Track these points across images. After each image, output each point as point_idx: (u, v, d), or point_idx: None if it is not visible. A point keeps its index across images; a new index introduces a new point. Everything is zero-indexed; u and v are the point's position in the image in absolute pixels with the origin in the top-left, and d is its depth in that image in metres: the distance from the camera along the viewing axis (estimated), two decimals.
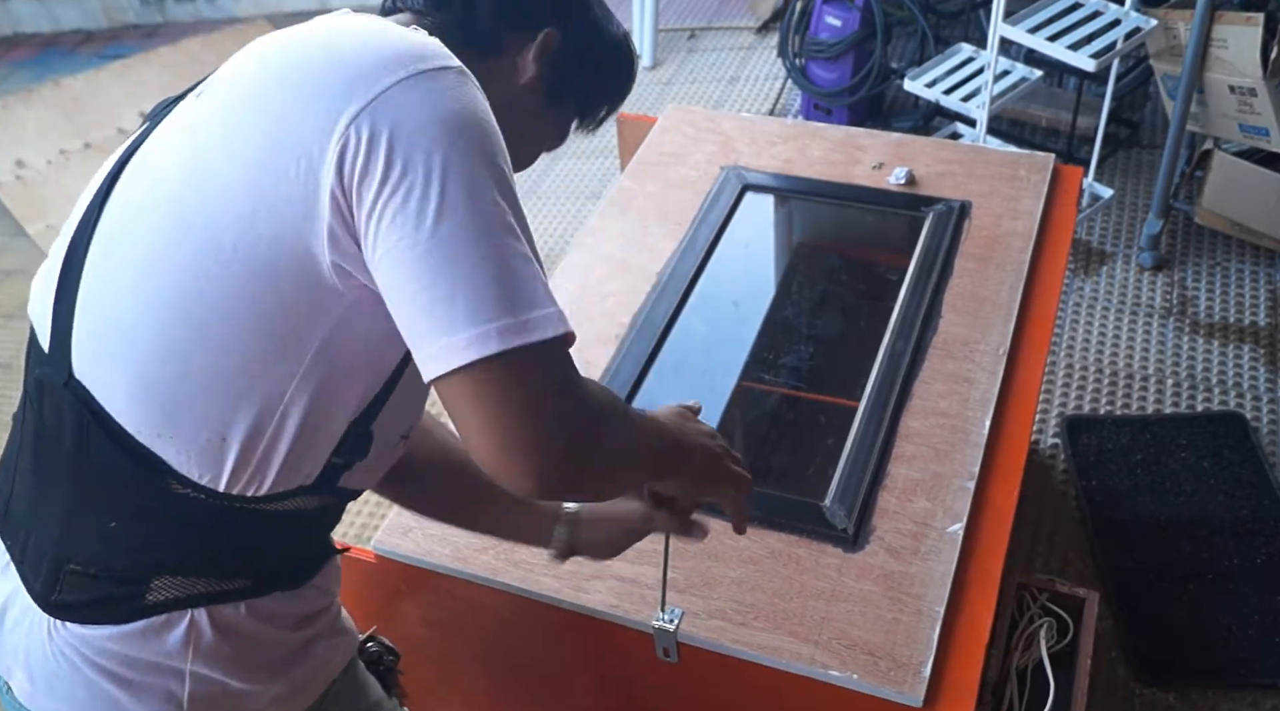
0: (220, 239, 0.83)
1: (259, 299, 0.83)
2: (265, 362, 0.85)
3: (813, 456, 1.54)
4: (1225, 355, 2.52)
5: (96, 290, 0.89)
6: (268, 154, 0.82)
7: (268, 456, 0.88)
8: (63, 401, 0.89)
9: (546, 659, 1.43)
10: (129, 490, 0.89)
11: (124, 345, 0.86)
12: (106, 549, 0.91)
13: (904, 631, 1.21)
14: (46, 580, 0.93)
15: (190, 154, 0.86)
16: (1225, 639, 1.93)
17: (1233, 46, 2.42)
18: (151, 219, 0.86)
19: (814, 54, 3.23)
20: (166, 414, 0.86)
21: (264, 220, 0.82)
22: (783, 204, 1.95)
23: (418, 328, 0.79)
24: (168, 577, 0.91)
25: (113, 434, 0.87)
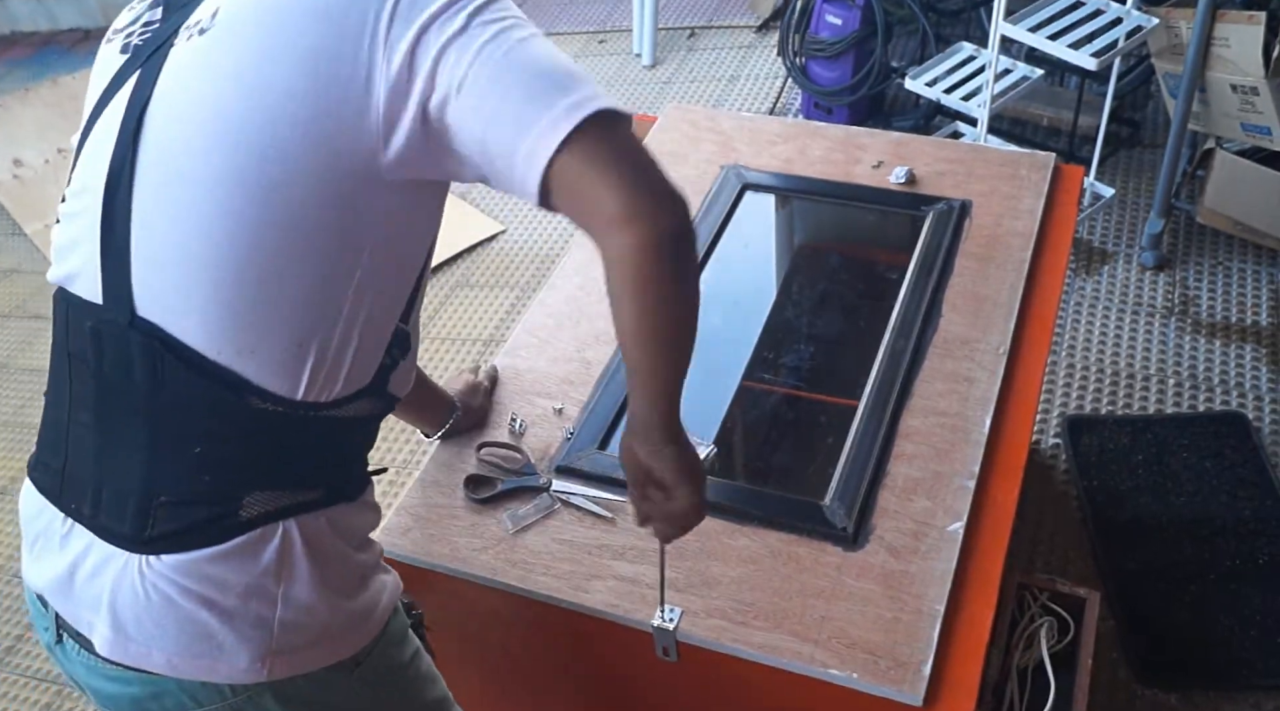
0: (281, 152, 0.88)
1: (323, 205, 0.89)
2: (332, 266, 0.92)
3: (813, 455, 1.54)
4: (1227, 355, 2.51)
5: (154, 227, 0.91)
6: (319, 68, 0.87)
7: (339, 359, 0.96)
8: (129, 342, 0.92)
9: (546, 658, 1.43)
10: (210, 413, 0.94)
11: (195, 271, 0.90)
12: (195, 474, 0.95)
13: (904, 630, 1.20)
14: (135, 519, 0.95)
15: (228, 84, 0.89)
16: (1227, 639, 1.93)
17: (1235, 45, 2.42)
18: (204, 154, 0.89)
19: (814, 53, 3.23)
20: (246, 330, 0.91)
21: (324, 122, 0.88)
22: (783, 203, 1.95)
23: (523, 115, 0.86)
24: (257, 492, 0.96)
25: (190, 361, 0.92)
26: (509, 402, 1.52)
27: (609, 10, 4.36)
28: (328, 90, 0.88)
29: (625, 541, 1.33)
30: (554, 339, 1.61)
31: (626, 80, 3.92)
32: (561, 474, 1.41)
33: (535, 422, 1.49)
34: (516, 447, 1.46)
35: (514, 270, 3.17)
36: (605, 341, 1.59)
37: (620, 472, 1.38)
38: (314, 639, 1.00)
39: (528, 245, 3.25)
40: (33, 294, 3.57)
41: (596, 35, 4.21)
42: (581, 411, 1.49)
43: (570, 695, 1.49)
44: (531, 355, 1.59)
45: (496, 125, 0.87)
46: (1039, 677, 1.50)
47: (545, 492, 1.39)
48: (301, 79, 0.88)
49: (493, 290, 3.10)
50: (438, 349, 2.92)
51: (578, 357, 1.57)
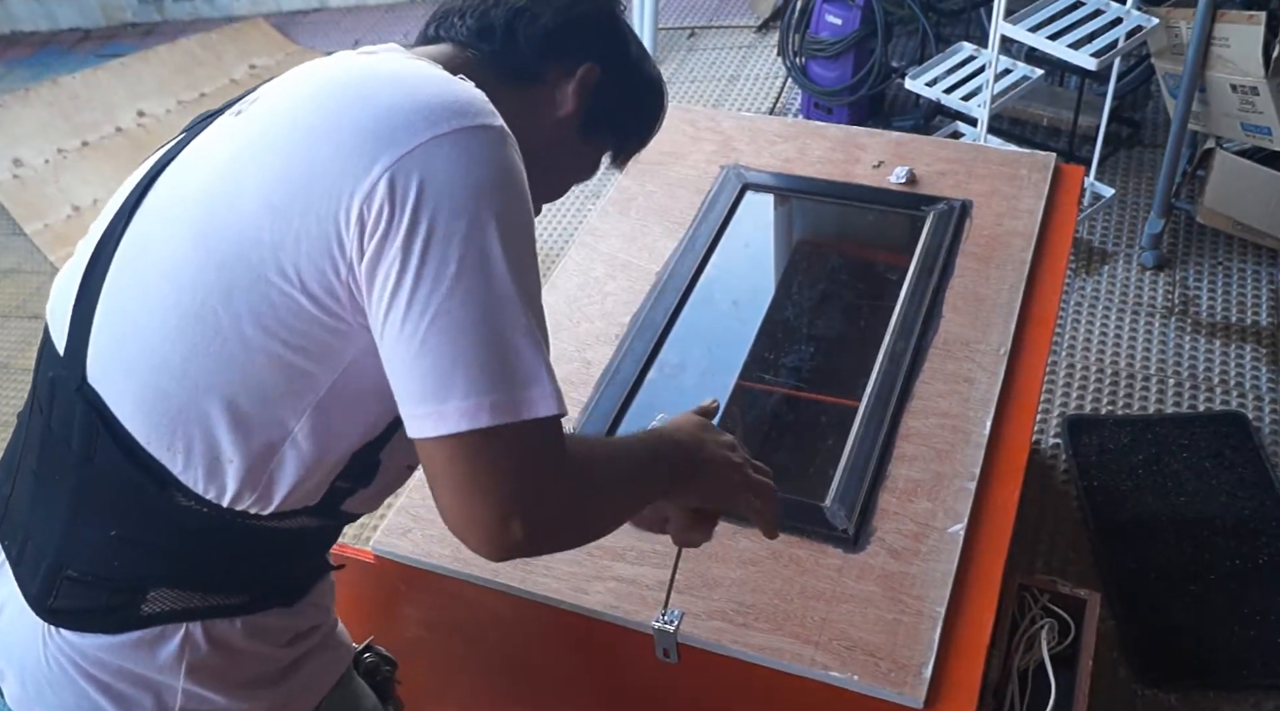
0: (244, 265, 0.83)
1: (278, 332, 0.84)
2: (278, 391, 0.86)
3: (813, 456, 1.54)
4: (1227, 355, 2.51)
5: (117, 298, 0.89)
6: (297, 191, 0.82)
7: (274, 478, 0.89)
8: (74, 406, 0.89)
9: (546, 659, 1.43)
10: (133, 500, 0.89)
11: (140, 355, 0.87)
12: (106, 557, 0.91)
13: (905, 632, 1.20)
14: (43, 585, 0.92)
15: (221, 176, 0.87)
16: (1227, 639, 1.93)
17: (1234, 45, 2.42)
18: (177, 234, 0.87)
19: (814, 53, 3.23)
20: (175, 428, 0.87)
21: (288, 256, 0.82)
22: (783, 203, 1.94)
23: (411, 388, 0.80)
24: (165, 589, 0.91)
25: (121, 442, 0.88)
26: None
27: None
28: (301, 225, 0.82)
29: (625, 542, 1.33)
30: (554, 339, 1.60)
31: None
32: None
33: None
34: None
35: None
36: (605, 341, 1.59)
37: None
38: None
39: None
40: (32, 294, 3.57)
41: None
42: (581, 412, 1.49)
43: (570, 696, 1.49)
44: None
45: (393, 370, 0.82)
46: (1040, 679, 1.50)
47: None
48: (274, 202, 0.83)
49: None
50: None
51: (578, 358, 1.57)
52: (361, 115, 0.82)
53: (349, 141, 0.81)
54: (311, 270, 0.82)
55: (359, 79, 0.87)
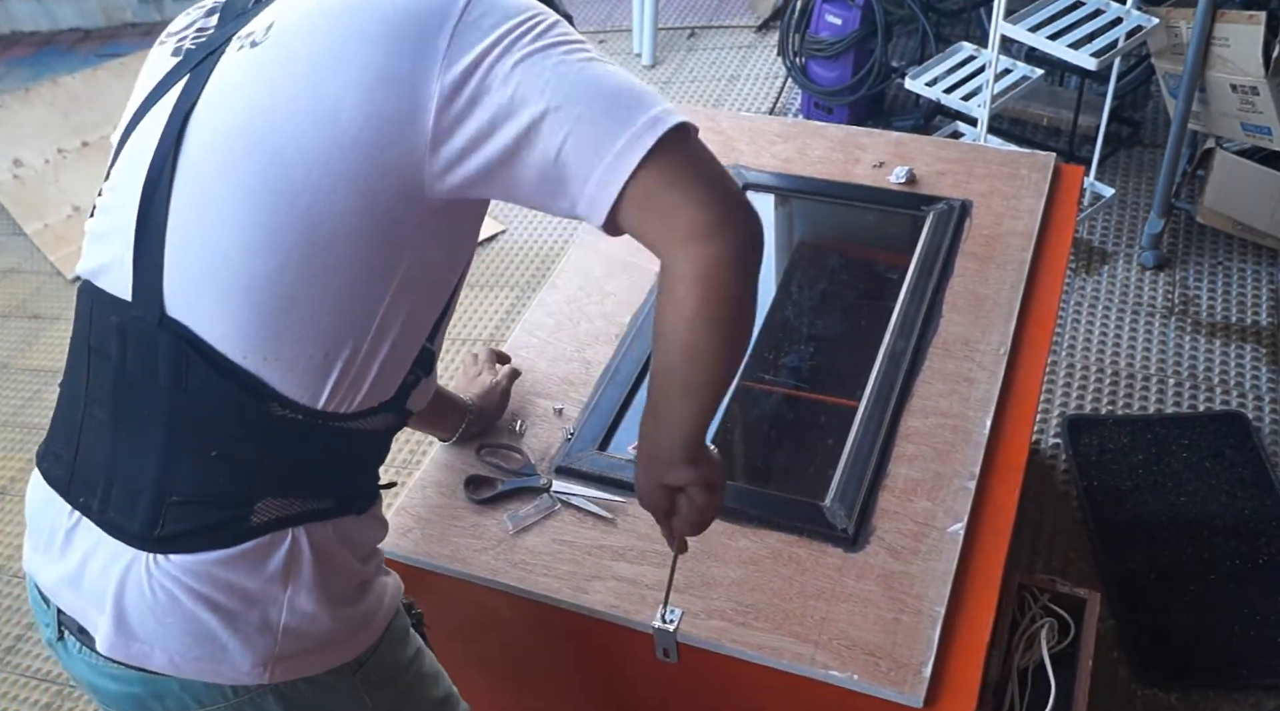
0: (325, 171, 0.88)
1: (363, 224, 0.90)
2: (366, 283, 0.92)
3: (813, 456, 1.54)
4: (1227, 355, 2.51)
5: (190, 231, 0.92)
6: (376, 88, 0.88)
7: (363, 372, 0.96)
8: (156, 341, 0.93)
9: (546, 659, 1.43)
10: (230, 417, 0.94)
11: (229, 277, 0.91)
12: (210, 476, 0.95)
13: (904, 631, 1.20)
14: (146, 516, 0.95)
15: (275, 99, 0.90)
16: (1227, 639, 1.93)
17: (1234, 45, 2.41)
18: (245, 161, 0.90)
19: (814, 52, 3.23)
20: (275, 336, 0.92)
21: (373, 145, 0.88)
22: (783, 203, 1.94)
23: (601, 135, 0.86)
24: (270, 499, 0.96)
25: (216, 364, 0.92)
26: (509, 403, 1.52)
27: (609, 10, 4.36)
28: (380, 114, 0.88)
29: (625, 542, 1.33)
30: (554, 339, 1.61)
31: None
32: (561, 474, 1.41)
33: (535, 423, 1.49)
34: (516, 448, 1.46)
35: (514, 270, 3.17)
36: (605, 341, 1.59)
37: (619, 474, 1.39)
38: (317, 644, 1.00)
39: (528, 245, 3.25)
40: (32, 294, 3.57)
41: (596, 35, 4.21)
42: (582, 412, 1.49)
43: (570, 696, 1.49)
44: (531, 355, 1.59)
45: (570, 153, 0.88)
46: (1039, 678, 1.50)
47: (545, 493, 1.39)
48: (353, 102, 0.88)
49: (493, 290, 3.10)
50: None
51: (578, 358, 1.57)
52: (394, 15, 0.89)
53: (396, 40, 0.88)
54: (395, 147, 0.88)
55: None
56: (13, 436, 2.98)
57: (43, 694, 2.29)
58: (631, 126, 0.86)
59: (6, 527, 2.71)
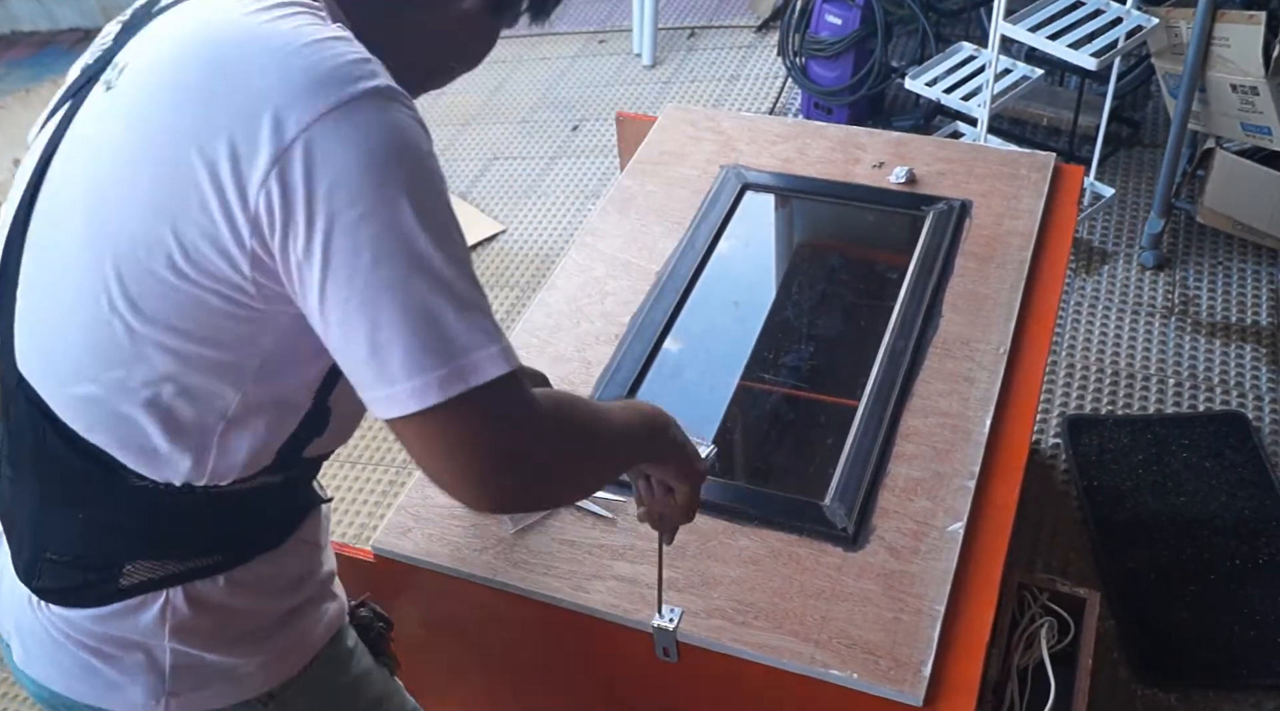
0: (138, 266, 0.80)
1: (190, 330, 0.82)
2: (204, 384, 0.84)
3: (813, 456, 1.54)
4: (1227, 355, 2.51)
5: (31, 298, 0.88)
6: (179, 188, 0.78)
7: (221, 458, 0.88)
8: (19, 402, 0.90)
9: (546, 659, 1.43)
10: (89, 485, 0.90)
11: (59, 357, 0.86)
12: (77, 539, 0.93)
13: (904, 630, 1.20)
14: (28, 566, 0.96)
15: (102, 169, 0.83)
16: (1227, 639, 1.93)
17: (1235, 45, 2.42)
18: (71, 232, 0.84)
19: (814, 52, 3.23)
20: (108, 428, 0.86)
21: (182, 254, 0.79)
22: (783, 203, 1.95)
23: (360, 376, 0.79)
24: (140, 562, 0.92)
25: (63, 434, 0.88)
26: None
27: (609, 10, 4.36)
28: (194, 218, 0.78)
29: (625, 541, 1.33)
30: (554, 339, 1.61)
31: (626, 80, 3.92)
32: None
33: None
34: None
35: (514, 270, 3.17)
36: (605, 341, 1.59)
37: None
38: (215, 678, 0.97)
39: (528, 245, 3.25)
40: None
41: (596, 35, 4.21)
42: None
43: (570, 695, 1.49)
44: (532, 355, 1.59)
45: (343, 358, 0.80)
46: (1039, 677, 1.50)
47: None
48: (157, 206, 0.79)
49: (493, 290, 3.10)
50: None
51: (578, 358, 1.57)
52: (236, 102, 0.77)
53: (227, 133, 0.76)
54: (211, 266, 0.79)
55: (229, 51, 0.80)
56: None
57: None
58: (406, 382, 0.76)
59: None
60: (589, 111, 3.81)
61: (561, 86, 3.98)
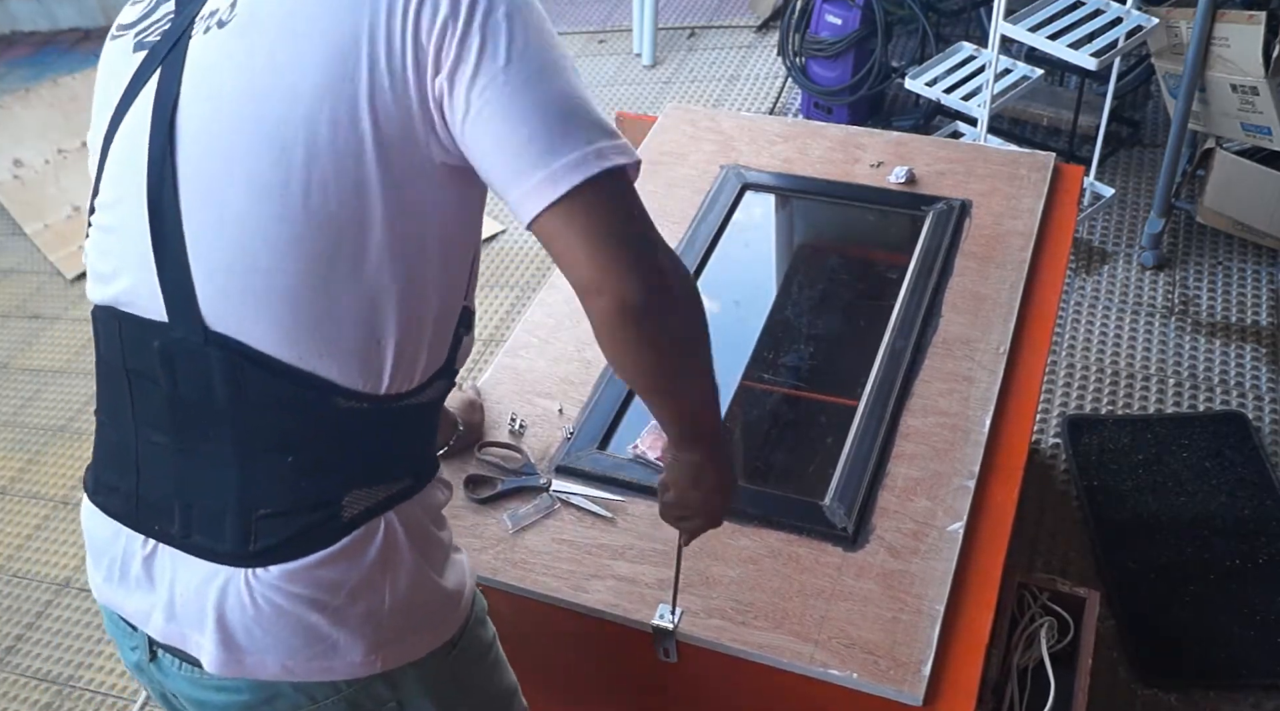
0: (330, 150, 0.85)
1: (383, 201, 0.87)
2: (399, 260, 0.90)
3: (813, 455, 1.54)
4: (1227, 355, 2.51)
5: (211, 237, 0.89)
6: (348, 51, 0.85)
7: (417, 348, 0.95)
8: (207, 359, 0.90)
9: (546, 658, 1.43)
10: (298, 420, 0.92)
11: (261, 279, 0.88)
12: (291, 483, 0.94)
13: (904, 630, 1.20)
14: (237, 535, 0.94)
15: (260, 83, 0.87)
16: (1227, 639, 1.93)
17: (1235, 45, 2.42)
18: (246, 152, 0.87)
19: (814, 52, 3.23)
20: (323, 334, 0.90)
21: (369, 123, 0.85)
22: (783, 203, 1.95)
23: (520, 160, 0.85)
24: (356, 491, 0.95)
25: (273, 370, 0.90)
26: (509, 402, 1.52)
27: (609, 10, 4.36)
28: (358, 79, 0.85)
29: (625, 541, 1.33)
30: (554, 339, 1.61)
31: (626, 80, 3.92)
32: (561, 474, 1.41)
33: (535, 422, 1.49)
34: (516, 447, 1.46)
35: (514, 270, 3.17)
36: None
37: (619, 473, 1.39)
38: (419, 624, 1.01)
39: (528, 245, 3.25)
40: (32, 293, 3.57)
41: (596, 35, 4.21)
42: (581, 411, 1.49)
43: (570, 695, 1.49)
44: (532, 355, 1.59)
45: (495, 161, 0.86)
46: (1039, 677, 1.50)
47: (545, 492, 1.39)
48: (331, 71, 0.85)
49: (492, 290, 3.10)
50: None
51: (578, 357, 1.57)
52: None
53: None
54: (396, 124, 0.86)
55: None
56: (13, 436, 2.98)
57: (43, 694, 2.29)
58: (555, 162, 0.84)
59: (6, 527, 2.71)
60: None
61: None
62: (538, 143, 0.84)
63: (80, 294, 3.51)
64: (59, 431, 2.95)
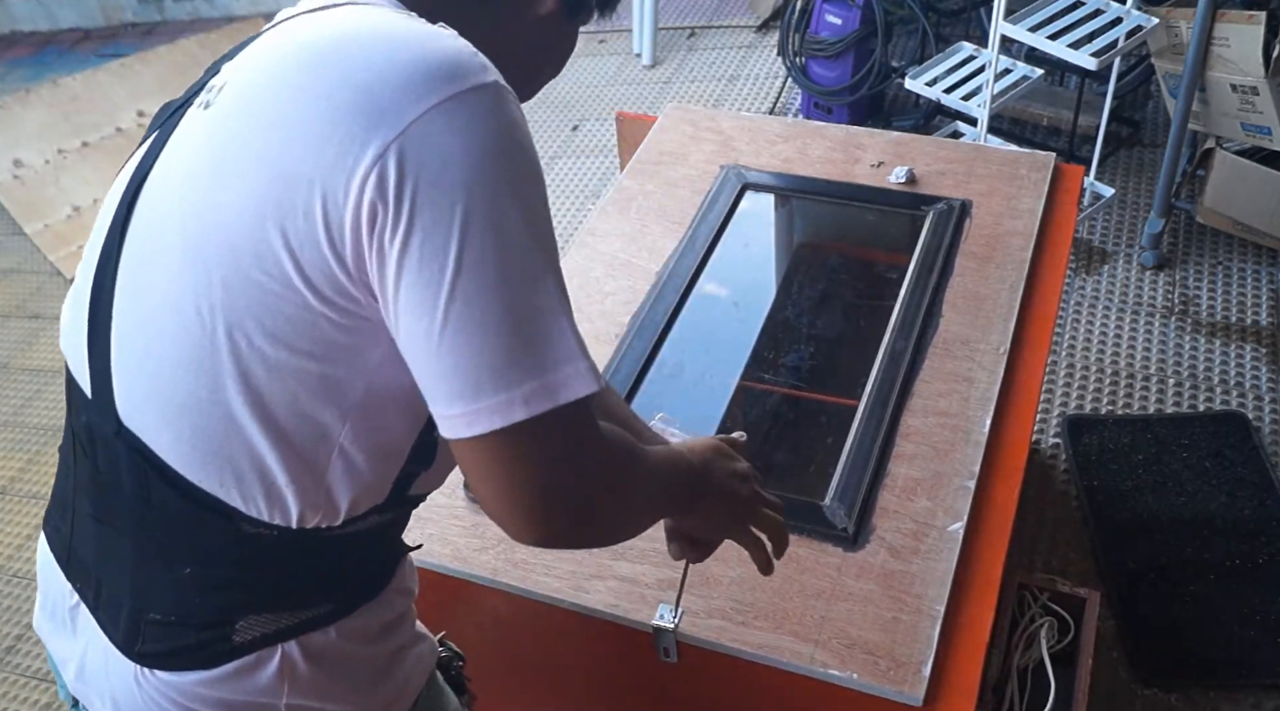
0: (243, 278, 0.77)
1: (296, 343, 0.78)
2: (313, 404, 0.81)
3: (813, 456, 1.54)
4: (1227, 354, 2.51)
5: (128, 332, 0.84)
6: (283, 193, 0.75)
7: (334, 490, 0.84)
8: (117, 451, 0.85)
9: (546, 659, 1.43)
10: (198, 536, 0.85)
11: (168, 391, 0.81)
12: (184, 596, 0.87)
13: (904, 630, 1.20)
14: (127, 630, 0.89)
15: (202, 185, 0.80)
16: (1227, 639, 1.93)
17: (1235, 45, 2.42)
18: (169, 256, 0.81)
19: (814, 52, 3.23)
20: (221, 463, 0.82)
21: (287, 261, 0.76)
22: (783, 203, 1.95)
23: (439, 389, 0.75)
24: (253, 616, 0.88)
25: (173, 482, 0.83)
26: None
27: None
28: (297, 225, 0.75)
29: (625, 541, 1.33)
30: None
31: (626, 80, 3.92)
32: None
33: None
34: None
35: None
36: (605, 341, 1.59)
37: None
38: None
39: None
40: (33, 294, 3.57)
41: (596, 35, 4.21)
42: None
43: (570, 695, 1.49)
44: None
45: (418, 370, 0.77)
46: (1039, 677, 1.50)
47: None
48: (265, 205, 0.76)
49: None
50: None
51: None
52: (339, 97, 0.74)
53: (330, 129, 0.74)
54: (314, 272, 0.76)
55: (329, 50, 0.78)
56: (13, 436, 2.98)
57: (43, 694, 2.29)
58: (490, 398, 0.73)
59: (6, 527, 2.71)
60: (589, 111, 3.81)
61: (561, 86, 3.97)
62: (463, 376, 0.74)
63: None
64: (59, 431, 2.95)
